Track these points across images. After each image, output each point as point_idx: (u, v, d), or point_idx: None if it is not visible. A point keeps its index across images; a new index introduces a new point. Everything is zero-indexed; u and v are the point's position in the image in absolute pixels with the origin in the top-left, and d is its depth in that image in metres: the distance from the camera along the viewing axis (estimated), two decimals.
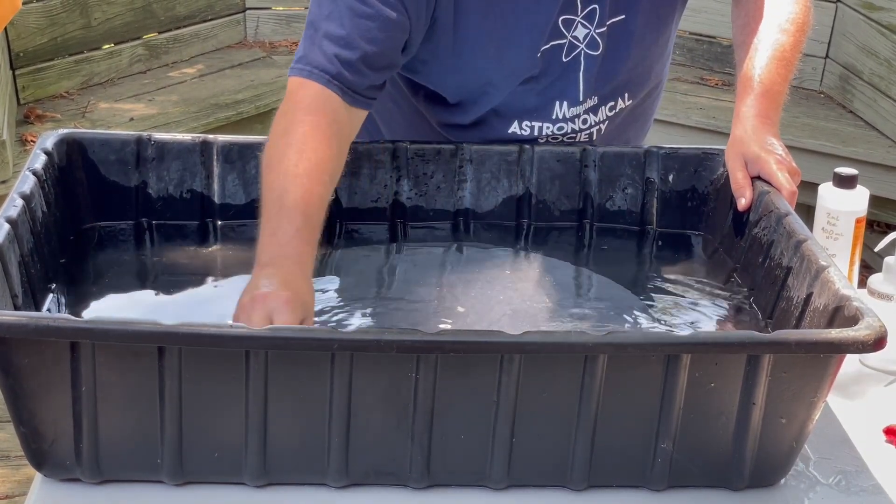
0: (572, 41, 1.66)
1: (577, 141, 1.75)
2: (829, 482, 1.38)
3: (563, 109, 1.71)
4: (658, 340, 1.30)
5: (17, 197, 1.46)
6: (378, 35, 1.55)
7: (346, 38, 1.54)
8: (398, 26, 1.56)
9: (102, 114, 3.77)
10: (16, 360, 1.23)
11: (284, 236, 1.41)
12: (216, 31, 4.32)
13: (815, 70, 4.10)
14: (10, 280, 1.36)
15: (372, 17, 1.55)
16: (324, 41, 1.55)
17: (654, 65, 1.79)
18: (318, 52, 1.55)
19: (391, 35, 1.56)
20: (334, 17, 1.55)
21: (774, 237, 1.55)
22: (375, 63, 1.57)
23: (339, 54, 1.54)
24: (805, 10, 1.74)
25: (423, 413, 1.26)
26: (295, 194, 1.44)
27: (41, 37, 3.80)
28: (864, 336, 1.26)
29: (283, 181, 1.45)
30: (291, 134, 1.50)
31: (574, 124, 1.73)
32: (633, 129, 1.85)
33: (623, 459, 1.31)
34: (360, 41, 1.54)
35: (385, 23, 1.55)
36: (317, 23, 1.57)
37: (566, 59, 1.67)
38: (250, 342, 1.22)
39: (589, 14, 1.66)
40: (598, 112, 1.74)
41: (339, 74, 1.54)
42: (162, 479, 1.30)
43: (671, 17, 1.76)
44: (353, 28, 1.54)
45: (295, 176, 1.46)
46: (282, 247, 1.40)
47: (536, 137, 1.73)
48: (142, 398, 1.25)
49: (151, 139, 1.68)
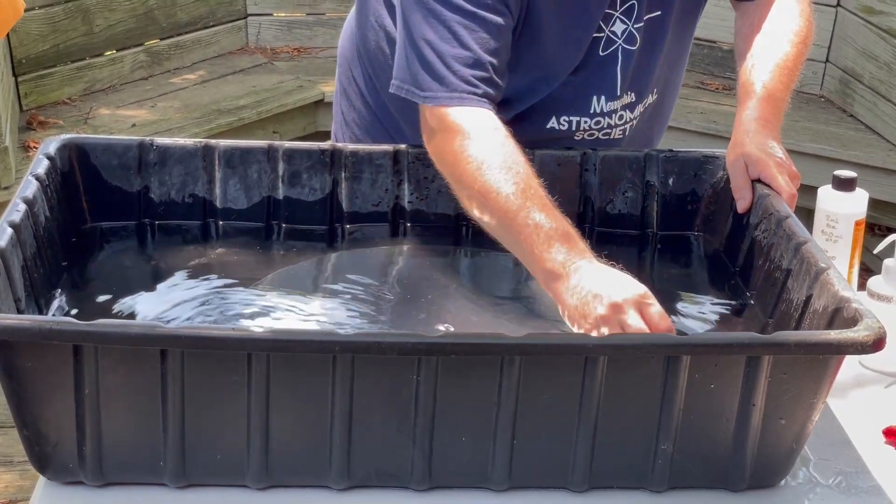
0: (610, 35, 1.67)
1: (612, 137, 1.75)
2: (829, 483, 1.38)
3: (601, 103, 1.71)
4: (658, 342, 1.30)
5: (20, 201, 1.46)
6: (496, 45, 1.56)
7: (474, 56, 1.55)
8: (508, 29, 1.58)
9: (104, 120, 3.78)
10: (19, 364, 1.23)
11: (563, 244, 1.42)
12: (218, 37, 4.33)
13: (815, 74, 4.10)
14: (14, 284, 1.37)
15: (486, 28, 1.55)
16: (453, 64, 1.54)
17: (679, 61, 1.82)
18: (451, 76, 1.55)
19: (505, 40, 1.59)
20: (449, 37, 1.54)
21: (774, 240, 1.55)
22: (501, 70, 1.58)
23: (475, 74, 1.55)
24: (808, 25, 1.76)
25: (425, 415, 1.27)
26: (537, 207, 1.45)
27: (43, 43, 3.81)
28: (863, 337, 1.26)
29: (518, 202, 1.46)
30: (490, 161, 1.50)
31: (611, 119, 1.73)
32: (658, 125, 1.86)
33: (623, 461, 1.32)
34: (484, 55, 1.55)
35: (498, 30, 1.56)
36: (430, 44, 1.55)
37: (603, 53, 1.68)
38: (252, 345, 1.23)
39: (628, 9, 1.67)
40: (635, 108, 1.75)
41: (486, 94, 1.56)
42: (164, 481, 1.30)
43: (697, 14, 1.79)
44: (474, 44, 1.55)
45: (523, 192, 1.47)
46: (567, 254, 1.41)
47: (574, 132, 1.73)
48: (144, 401, 1.26)
49: (153, 144, 1.69)
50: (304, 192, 1.71)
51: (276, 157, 1.69)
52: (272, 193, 1.70)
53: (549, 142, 1.73)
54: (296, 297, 1.54)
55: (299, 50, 4.41)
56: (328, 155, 1.71)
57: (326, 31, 4.43)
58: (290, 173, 1.70)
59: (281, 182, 1.70)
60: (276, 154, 1.69)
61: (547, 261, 1.42)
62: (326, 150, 1.71)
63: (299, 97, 4.03)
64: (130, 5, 4.03)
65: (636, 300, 1.35)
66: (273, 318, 1.48)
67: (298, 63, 4.31)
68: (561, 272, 1.40)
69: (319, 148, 1.71)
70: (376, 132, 1.83)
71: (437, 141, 1.57)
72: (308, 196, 1.71)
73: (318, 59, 4.36)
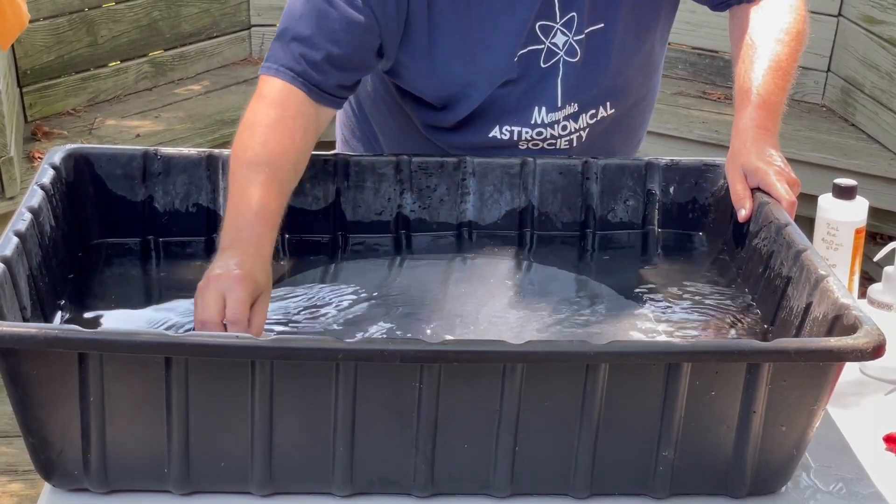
0: (551, 47, 1.69)
1: (557, 148, 1.77)
2: (830, 490, 1.39)
3: (542, 114, 1.73)
4: (659, 349, 1.31)
5: (25, 211, 1.47)
6: (343, 37, 1.61)
7: (312, 38, 1.61)
8: (365, 29, 1.62)
9: (109, 130, 3.79)
10: (25, 371, 1.24)
11: (243, 221, 1.48)
12: (221, 47, 4.35)
13: (816, 84, 4.11)
14: (19, 293, 1.37)
15: (337, 19, 1.61)
16: (292, 42, 1.62)
17: (638, 75, 1.81)
18: (286, 51, 1.62)
19: (358, 37, 1.62)
20: (303, 20, 1.62)
21: (774, 247, 1.56)
22: (342, 64, 1.63)
23: (305, 54, 1.61)
24: (801, 20, 1.75)
25: (427, 422, 1.28)
26: (255, 182, 1.51)
27: (48, 54, 3.82)
28: (862, 344, 1.27)
29: (246, 171, 1.53)
30: (256, 126, 1.58)
31: (553, 130, 1.75)
32: (619, 139, 1.87)
33: (625, 467, 1.33)
34: (324, 42, 1.61)
35: (350, 25, 1.61)
36: (288, 24, 1.64)
37: (545, 65, 1.70)
38: (256, 352, 1.24)
39: (568, 21, 1.68)
40: (579, 119, 1.76)
41: (305, 72, 1.61)
42: (169, 488, 1.31)
43: (653, 27, 1.78)
44: (318, 29, 1.61)
45: (256, 165, 1.53)
46: (240, 231, 1.47)
47: (517, 142, 1.75)
48: (149, 408, 1.26)
49: (158, 154, 1.70)
50: (308, 201, 1.72)
51: None
52: None
53: (494, 150, 1.76)
54: (299, 307, 1.55)
55: None
56: (331, 164, 1.72)
57: None
58: None
59: None
60: None
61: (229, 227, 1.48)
62: (329, 159, 1.72)
63: None
64: (134, 16, 4.05)
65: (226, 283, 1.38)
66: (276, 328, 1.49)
67: None
68: (227, 244, 1.46)
69: (322, 157, 1.72)
70: (362, 134, 1.90)
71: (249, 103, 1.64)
72: (311, 205, 1.72)
73: None
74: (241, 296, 1.37)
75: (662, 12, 1.77)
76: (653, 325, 1.55)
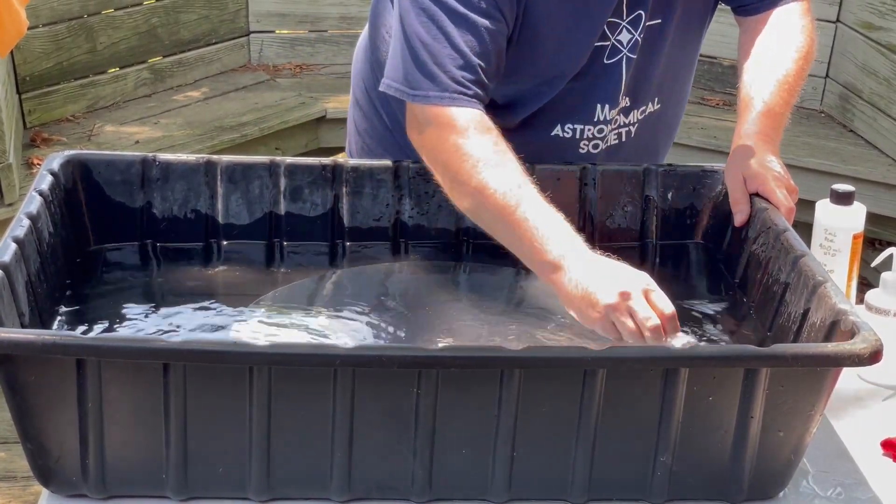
0: (615, 44, 1.69)
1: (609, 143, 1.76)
2: (828, 495, 1.39)
3: (605, 111, 1.73)
4: (656, 355, 1.31)
5: (23, 217, 1.47)
6: (488, 48, 1.59)
7: (465, 58, 1.58)
8: (500, 33, 1.60)
9: (108, 137, 3.79)
10: (23, 378, 1.24)
11: (561, 235, 1.49)
12: (220, 54, 4.35)
13: (815, 89, 4.12)
14: (17, 299, 1.38)
15: (477, 31, 1.58)
16: (446, 64, 1.57)
17: (683, 71, 1.83)
18: (442, 76, 1.58)
19: (498, 44, 1.61)
20: (442, 38, 1.58)
21: (772, 253, 1.56)
22: (492, 74, 1.61)
23: (465, 76, 1.58)
24: (811, 42, 1.77)
25: (425, 428, 1.28)
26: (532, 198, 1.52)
27: (47, 61, 3.82)
28: (860, 350, 1.27)
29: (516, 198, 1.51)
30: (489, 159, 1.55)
31: (610, 126, 1.75)
32: (664, 135, 1.87)
33: (623, 473, 1.33)
34: (474, 58, 1.58)
35: (490, 34, 1.59)
36: (425, 45, 1.58)
37: (608, 61, 1.70)
38: (253, 359, 1.24)
39: (634, 19, 1.69)
40: (630, 114, 1.76)
41: (476, 95, 1.59)
42: (167, 494, 1.31)
43: (701, 25, 1.80)
44: (464, 46, 1.57)
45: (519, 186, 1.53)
46: (568, 244, 1.48)
47: (579, 140, 1.74)
48: (147, 414, 1.26)
49: (156, 160, 1.70)
50: (306, 207, 1.72)
51: (277, 172, 1.71)
52: (274, 209, 1.71)
53: (554, 149, 1.74)
54: (297, 314, 1.55)
55: (301, 67, 4.43)
56: (329, 170, 1.72)
57: (328, 49, 4.45)
58: (291, 189, 1.71)
59: (282, 197, 1.71)
60: (278, 169, 1.71)
61: (546, 253, 1.47)
62: (328, 165, 1.72)
63: (301, 114, 4.04)
64: (133, 23, 4.06)
65: (642, 287, 1.41)
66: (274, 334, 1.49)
67: (300, 80, 4.33)
68: (560, 264, 1.46)
69: (321, 163, 1.72)
70: (388, 144, 1.85)
71: (429, 138, 1.60)
72: (309, 211, 1.72)
73: (320, 75, 4.38)
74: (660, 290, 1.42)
75: (708, 8, 1.79)
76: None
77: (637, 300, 1.40)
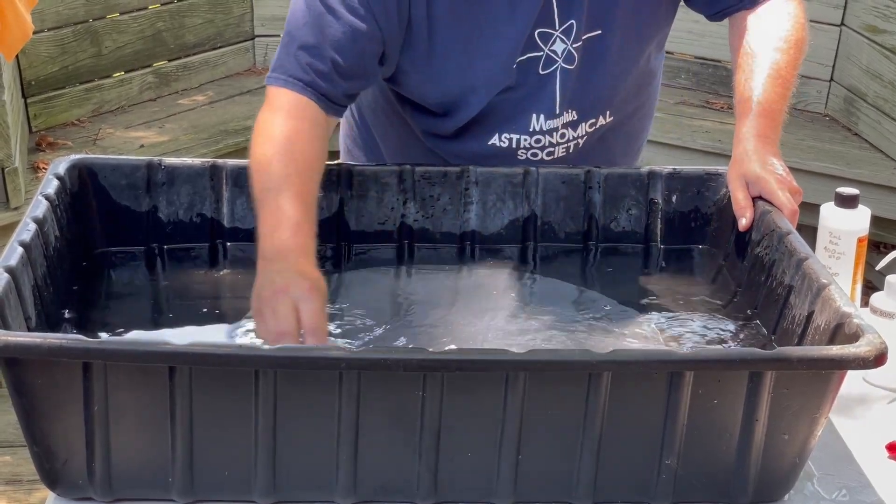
0: (550, 54, 1.69)
1: (555, 156, 1.77)
2: (833, 498, 1.39)
3: (541, 122, 1.74)
4: (661, 358, 1.31)
5: (30, 221, 1.48)
6: (347, 45, 1.62)
7: (317, 47, 1.62)
8: (368, 37, 1.63)
9: (113, 141, 3.80)
10: (29, 381, 1.25)
11: (286, 232, 1.48)
12: (225, 58, 4.36)
13: (819, 93, 4.12)
14: (24, 302, 1.38)
15: (341, 28, 1.62)
16: (298, 51, 1.63)
17: (636, 82, 1.82)
18: (293, 61, 1.63)
19: (361, 45, 1.63)
20: (307, 28, 1.63)
21: (776, 256, 1.56)
22: (346, 72, 1.64)
23: (312, 63, 1.62)
24: (800, 27, 1.75)
25: (430, 431, 1.28)
26: (290, 192, 1.52)
27: (52, 65, 3.83)
28: (864, 352, 1.27)
29: (277, 182, 1.53)
30: (276, 138, 1.59)
31: (552, 137, 1.75)
32: (619, 146, 1.87)
33: (627, 476, 1.33)
34: (329, 51, 1.62)
35: (354, 33, 1.62)
36: (292, 32, 1.65)
37: (543, 72, 1.70)
38: (259, 362, 1.24)
39: (567, 28, 1.69)
40: (578, 127, 1.77)
41: (313, 82, 1.62)
42: (173, 497, 1.31)
43: (652, 36, 1.78)
44: (323, 38, 1.62)
45: (286, 176, 1.54)
46: (284, 241, 1.47)
47: (516, 150, 1.76)
48: (153, 417, 1.27)
49: (162, 164, 1.70)
50: None
51: None
52: None
53: (493, 158, 1.76)
54: None
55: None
56: (334, 174, 1.72)
57: None
58: None
59: None
60: None
61: (270, 239, 1.48)
62: (333, 168, 1.73)
63: None
64: (139, 27, 4.07)
65: (298, 294, 1.39)
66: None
67: None
68: (272, 256, 1.46)
69: (326, 167, 1.72)
70: (363, 143, 1.92)
71: (259, 113, 1.65)
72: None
73: None
74: (318, 305, 1.39)
75: (660, 19, 1.77)
76: (655, 335, 1.56)
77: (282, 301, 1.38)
